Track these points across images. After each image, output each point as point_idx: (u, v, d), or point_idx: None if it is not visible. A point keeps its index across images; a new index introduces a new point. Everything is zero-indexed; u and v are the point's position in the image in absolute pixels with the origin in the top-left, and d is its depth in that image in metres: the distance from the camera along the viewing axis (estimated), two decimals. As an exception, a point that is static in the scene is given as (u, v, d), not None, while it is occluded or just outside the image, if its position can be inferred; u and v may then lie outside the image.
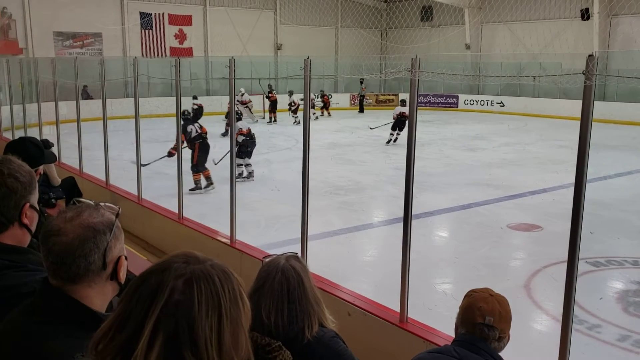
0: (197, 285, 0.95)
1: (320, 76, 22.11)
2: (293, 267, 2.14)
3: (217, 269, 1.00)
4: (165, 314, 0.93)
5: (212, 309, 0.94)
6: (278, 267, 2.13)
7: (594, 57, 3.06)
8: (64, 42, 24.50)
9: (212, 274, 0.98)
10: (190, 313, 0.93)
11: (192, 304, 0.94)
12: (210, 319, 0.94)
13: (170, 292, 0.94)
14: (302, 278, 2.13)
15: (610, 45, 24.54)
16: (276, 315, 2.06)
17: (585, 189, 3.18)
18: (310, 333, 2.08)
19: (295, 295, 2.09)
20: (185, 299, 0.94)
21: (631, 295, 6.07)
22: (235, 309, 0.98)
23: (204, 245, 6.42)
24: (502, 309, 2.22)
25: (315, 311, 2.13)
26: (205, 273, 0.97)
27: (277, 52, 30.09)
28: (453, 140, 17.90)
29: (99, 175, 9.25)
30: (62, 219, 1.40)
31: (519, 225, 8.52)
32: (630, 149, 16.20)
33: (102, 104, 8.96)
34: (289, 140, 16.69)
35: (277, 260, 2.18)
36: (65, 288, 1.38)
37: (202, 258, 1.01)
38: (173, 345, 0.92)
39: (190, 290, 0.94)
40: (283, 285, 2.09)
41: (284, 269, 2.12)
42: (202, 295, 0.94)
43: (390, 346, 4.08)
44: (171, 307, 0.93)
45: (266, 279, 2.12)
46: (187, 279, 0.95)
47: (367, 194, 10.77)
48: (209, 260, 1.02)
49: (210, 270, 0.98)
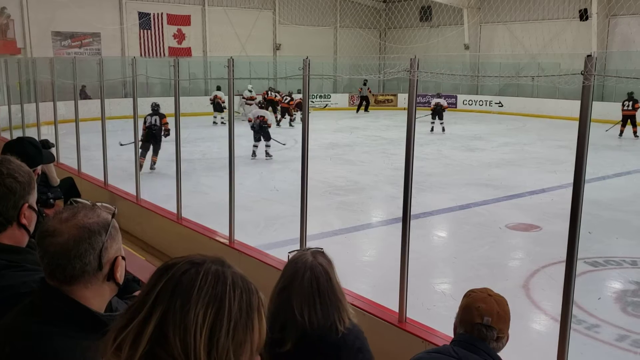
0: (205, 275, 0.96)
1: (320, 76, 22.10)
2: (321, 264, 2.18)
3: (237, 276, 1.00)
4: (165, 290, 0.94)
5: (212, 300, 0.94)
6: (306, 265, 2.16)
7: (592, 58, 3.07)
8: (63, 42, 24.47)
9: (226, 274, 0.99)
10: (186, 294, 0.93)
11: (193, 286, 0.94)
12: (207, 308, 0.93)
13: (175, 271, 0.96)
14: (329, 274, 2.18)
15: (608, 45, 24.55)
16: (309, 311, 2.10)
17: (583, 189, 3.18)
18: (343, 326, 2.13)
19: (325, 292, 2.14)
20: (189, 280, 0.95)
21: (629, 295, 6.07)
22: (245, 318, 0.97)
23: (203, 245, 6.41)
24: (501, 309, 2.22)
25: (343, 305, 2.19)
26: (219, 271, 0.98)
27: (276, 52, 30.08)
28: (452, 140, 17.91)
29: (97, 175, 9.24)
30: (57, 220, 1.40)
31: (518, 225, 8.52)
32: (629, 149, 16.23)
33: (101, 104, 8.96)
34: (287, 140, 16.68)
35: (304, 257, 2.21)
36: (63, 288, 1.38)
37: (229, 265, 1.03)
38: (165, 323, 0.92)
39: (196, 275, 0.95)
40: (313, 283, 2.13)
41: (312, 267, 2.16)
42: (205, 284, 0.95)
43: (389, 346, 4.07)
44: (171, 283, 0.95)
45: (295, 276, 2.16)
46: (198, 268, 0.97)
47: (366, 194, 10.76)
48: (235, 269, 1.03)
49: (226, 272, 0.99)
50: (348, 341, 2.13)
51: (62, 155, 10.55)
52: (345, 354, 2.12)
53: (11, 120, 13.47)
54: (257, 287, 1.04)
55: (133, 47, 25.73)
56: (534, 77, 19.27)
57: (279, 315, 2.15)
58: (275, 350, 2.13)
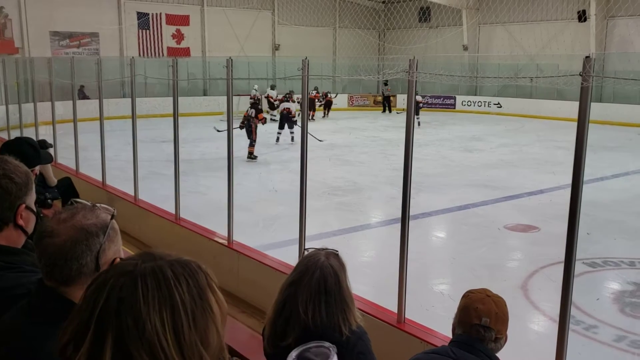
0: (143, 281, 0.90)
1: (319, 77, 22.12)
2: (332, 266, 2.21)
3: (174, 265, 0.94)
4: (107, 311, 0.89)
5: (161, 303, 0.89)
6: (317, 264, 2.19)
7: (590, 59, 3.07)
8: (61, 42, 24.45)
9: (163, 269, 0.93)
10: (134, 309, 0.88)
11: (136, 299, 0.89)
12: (161, 314, 0.89)
13: (110, 290, 0.90)
14: (339, 277, 2.21)
15: (607, 47, 24.58)
16: (314, 310, 2.12)
17: (582, 190, 3.19)
18: (347, 329, 2.15)
19: (332, 293, 2.16)
20: (129, 293, 0.89)
21: (628, 296, 6.08)
22: (200, 303, 0.93)
23: (201, 246, 6.40)
24: (499, 310, 2.22)
25: (350, 309, 2.20)
26: (155, 269, 0.92)
27: (275, 52, 30.08)
28: (450, 141, 17.92)
29: (95, 175, 9.23)
30: (56, 220, 1.40)
31: (516, 226, 8.52)
32: (627, 150, 16.24)
33: (99, 104, 8.95)
34: (286, 141, 16.68)
35: (317, 256, 2.24)
36: (60, 289, 1.37)
37: (160, 255, 0.96)
38: (123, 344, 0.88)
39: (133, 286, 0.90)
40: (320, 283, 2.16)
41: (323, 267, 2.19)
42: (147, 291, 0.89)
43: (387, 347, 4.07)
44: (112, 304, 0.89)
45: (304, 273, 2.19)
46: (133, 277, 0.91)
47: (365, 195, 10.76)
48: (168, 256, 0.96)
49: (162, 265, 0.93)
50: (350, 343, 2.13)
51: (60, 156, 10.53)
52: (347, 355, 2.12)
53: (9, 120, 13.46)
54: (197, 262, 0.99)
55: (132, 47, 25.72)
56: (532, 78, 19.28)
57: (284, 307, 2.19)
58: (276, 343, 2.17)
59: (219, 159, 11.57)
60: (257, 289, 5.41)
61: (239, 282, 5.80)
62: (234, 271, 5.90)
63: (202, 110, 23.10)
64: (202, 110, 23.23)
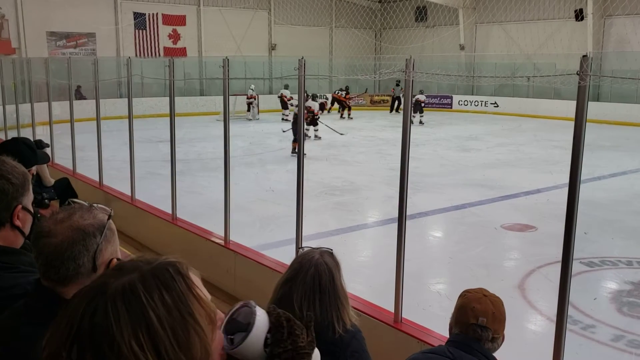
0: (112, 304, 0.85)
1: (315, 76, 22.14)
2: (326, 263, 2.22)
3: (147, 277, 0.89)
4: (82, 337, 0.84)
5: (135, 324, 0.84)
6: (312, 262, 2.21)
7: (587, 58, 3.07)
8: (57, 42, 24.40)
9: (134, 285, 0.87)
10: (108, 334, 0.83)
11: (109, 324, 0.84)
12: (136, 335, 0.84)
13: (82, 316, 0.86)
14: (333, 275, 2.22)
15: (604, 46, 24.64)
16: (308, 307, 2.13)
17: (579, 189, 3.19)
18: (341, 327, 2.15)
19: (326, 290, 2.17)
20: (101, 319, 0.84)
21: (625, 296, 6.09)
22: (179, 315, 0.88)
23: (198, 246, 6.40)
24: (496, 310, 2.22)
25: (344, 307, 2.21)
26: (125, 287, 0.87)
27: (272, 52, 30.07)
28: (447, 140, 17.93)
29: (92, 175, 9.21)
30: (53, 221, 1.40)
31: (513, 225, 8.53)
32: (624, 149, 16.27)
33: (96, 104, 8.93)
34: (283, 141, 16.66)
35: (311, 254, 2.26)
36: (57, 289, 1.37)
37: (134, 267, 0.91)
38: None
39: (104, 311, 0.85)
40: (315, 280, 2.17)
41: (317, 264, 2.20)
42: (118, 314, 0.84)
43: (384, 346, 4.07)
44: (86, 330, 0.84)
45: (299, 270, 2.20)
46: (103, 300, 0.86)
47: (362, 195, 10.76)
48: (144, 266, 0.91)
49: (133, 282, 0.88)
50: (344, 341, 2.13)
51: (57, 156, 10.51)
52: (340, 354, 2.12)
53: (6, 120, 13.41)
54: (177, 264, 0.93)
55: (128, 48, 25.69)
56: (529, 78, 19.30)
57: (279, 305, 2.17)
58: None
59: (216, 159, 11.57)
60: (254, 289, 5.40)
61: (235, 282, 5.79)
62: (230, 271, 5.90)
63: (199, 110, 23.09)
64: (199, 110, 23.22)
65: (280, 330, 1.12)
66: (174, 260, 0.95)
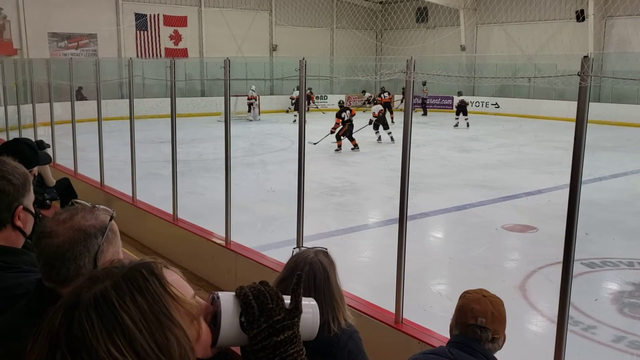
0: (86, 314, 0.85)
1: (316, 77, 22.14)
2: (321, 262, 2.21)
3: (119, 283, 0.88)
4: (60, 348, 0.84)
5: (110, 331, 0.84)
6: (306, 260, 2.20)
7: (589, 59, 3.07)
8: (59, 43, 24.43)
9: (106, 293, 0.86)
10: (85, 344, 0.83)
11: (84, 334, 0.83)
12: (113, 342, 0.83)
13: (58, 329, 0.85)
14: (328, 274, 2.21)
15: (605, 46, 24.62)
16: None
17: (580, 190, 3.19)
18: (336, 326, 2.14)
19: (321, 289, 2.15)
20: (76, 330, 0.84)
21: (626, 297, 6.08)
22: (153, 318, 0.87)
23: (199, 246, 6.40)
24: (495, 310, 2.21)
25: (340, 306, 2.20)
26: (97, 296, 0.86)
27: (273, 53, 30.08)
28: (448, 141, 17.92)
29: (93, 176, 9.22)
30: (55, 221, 1.40)
31: (514, 226, 8.53)
32: (626, 150, 16.25)
33: (97, 104, 8.94)
34: (284, 142, 16.68)
35: (306, 253, 2.26)
36: (58, 290, 1.37)
37: (107, 273, 0.91)
38: None
39: (79, 322, 0.84)
40: (310, 279, 2.16)
41: (312, 263, 2.19)
42: (93, 323, 0.84)
43: (385, 347, 4.07)
44: (63, 342, 0.84)
45: (294, 269, 2.19)
46: (78, 311, 0.85)
47: (363, 195, 10.76)
48: (117, 271, 0.90)
49: (105, 289, 0.87)
50: (341, 341, 2.13)
51: (59, 156, 10.52)
52: (337, 353, 2.12)
53: (7, 121, 13.43)
54: (150, 264, 0.93)
55: (129, 48, 25.71)
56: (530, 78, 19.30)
57: None
58: None
59: (217, 159, 11.58)
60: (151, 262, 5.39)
61: (237, 283, 5.78)
62: (232, 272, 5.90)
63: (200, 111, 23.10)
64: (200, 111, 23.24)
65: (250, 311, 1.07)
66: (148, 261, 0.94)
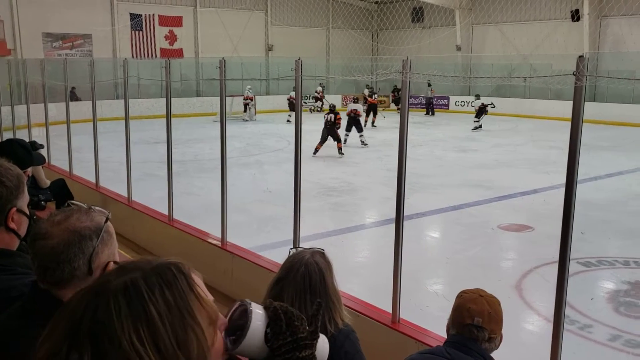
0: (115, 299, 0.85)
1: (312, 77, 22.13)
2: (316, 263, 2.20)
3: (149, 275, 0.89)
4: (82, 333, 0.83)
5: (136, 320, 0.84)
6: (302, 261, 2.20)
7: (584, 58, 3.07)
8: (53, 44, 24.36)
9: (136, 282, 0.87)
10: (109, 329, 0.83)
11: (110, 319, 0.84)
12: (137, 330, 0.84)
13: (84, 312, 0.85)
14: (324, 274, 2.20)
15: (600, 46, 24.69)
16: (300, 307, 2.11)
17: (576, 189, 3.19)
18: (333, 327, 2.14)
19: (316, 290, 2.15)
20: (102, 315, 0.84)
21: (622, 296, 6.10)
22: (178, 313, 0.88)
23: (195, 247, 6.39)
24: (492, 310, 2.21)
25: (336, 307, 2.20)
26: (127, 283, 0.87)
27: (268, 53, 30.06)
28: (444, 141, 17.94)
29: (89, 177, 9.20)
30: (50, 223, 1.39)
31: (510, 225, 8.54)
32: (621, 149, 16.30)
33: (92, 105, 8.92)
34: (280, 142, 16.67)
35: (302, 253, 2.25)
36: (53, 292, 1.36)
37: (136, 266, 0.91)
38: None
39: (106, 306, 0.84)
40: (305, 279, 2.16)
41: (308, 264, 2.19)
42: (120, 309, 0.84)
43: (382, 347, 4.07)
44: (86, 326, 0.83)
45: (290, 270, 2.19)
46: (105, 296, 0.86)
47: (360, 195, 10.77)
48: (145, 265, 0.91)
49: (135, 279, 0.88)
50: (337, 342, 2.13)
51: (54, 157, 10.49)
52: (334, 354, 2.12)
53: (1, 122, 13.37)
54: (179, 264, 0.93)
55: (124, 49, 25.66)
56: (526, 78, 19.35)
57: None
58: None
59: (213, 159, 11.55)
60: (251, 290, 5.40)
61: (233, 284, 5.78)
62: (228, 272, 5.88)
63: (195, 111, 23.06)
64: (195, 111, 23.19)
65: (279, 323, 1.12)
66: (176, 260, 0.95)
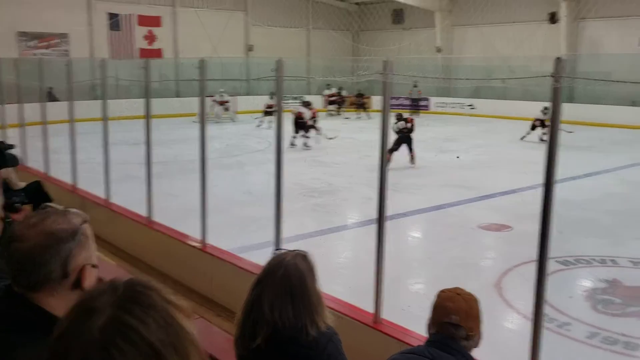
0: (116, 348, 0.79)
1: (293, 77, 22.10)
2: (297, 265, 2.17)
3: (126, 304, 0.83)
4: None
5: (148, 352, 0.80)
6: (282, 263, 2.17)
7: (562, 60, 3.11)
8: (28, 43, 23.97)
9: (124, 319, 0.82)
10: None
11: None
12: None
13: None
14: (304, 277, 2.17)
15: (577, 48, 25.00)
16: (280, 310, 2.09)
17: (554, 189, 3.22)
18: (315, 330, 2.11)
19: (297, 293, 2.12)
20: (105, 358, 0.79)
21: (599, 293, 6.18)
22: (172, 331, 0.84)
23: (174, 249, 6.33)
24: (469, 307, 2.22)
25: (318, 311, 2.16)
26: (116, 324, 0.81)
27: (249, 53, 29.95)
28: (425, 142, 18.01)
29: (66, 179, 9.07)
30: (25, 225, 1.37)
31: (490, 225, 8.61)
32: (598, 150, 16.53)
33: (69, 106, 8.80)
34: (261, 142, 16.61)
35: (283, 255, 2.22)
36: (28, 295, 1.33)
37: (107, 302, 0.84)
38: None
39: (107, 352, 0.79)
40: (285, 282, 2.13)
41: (287, 266, 2.16)
42: (126, 356, 0.79)
43: (364, 347, 4.07)
44: None
45: (269, 272, 2.17)
46: (101, 347, 0.79)
47: (341, 196, 10.77)
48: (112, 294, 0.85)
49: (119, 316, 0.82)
50: (320, 344, 2.11)
51: (31, 159, 10.33)
52: (316, 357, 2.11)
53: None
54: (143, 281, 0.88)
55: (102, 49, 25.34)
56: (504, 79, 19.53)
57: (252, 308, 2.16)
58: (246, 344, 2.14)
59: (193, 160, 11.45)
60: (232, 292, 5.36)
61: (213, 286, 5.74)
62: (208, 275, 5.84)
63: (175, 112, 22.87)
64: (175, 111, 22.99)
65: None
66: (135, 278, 0.91)
